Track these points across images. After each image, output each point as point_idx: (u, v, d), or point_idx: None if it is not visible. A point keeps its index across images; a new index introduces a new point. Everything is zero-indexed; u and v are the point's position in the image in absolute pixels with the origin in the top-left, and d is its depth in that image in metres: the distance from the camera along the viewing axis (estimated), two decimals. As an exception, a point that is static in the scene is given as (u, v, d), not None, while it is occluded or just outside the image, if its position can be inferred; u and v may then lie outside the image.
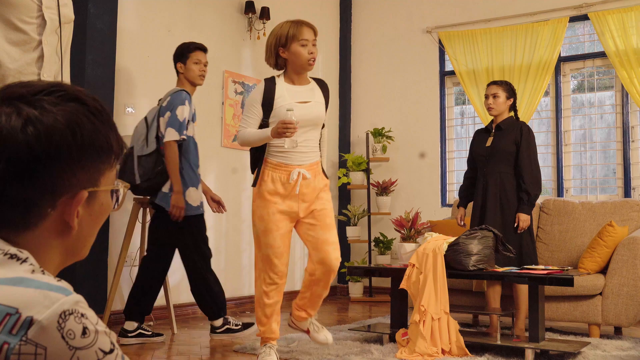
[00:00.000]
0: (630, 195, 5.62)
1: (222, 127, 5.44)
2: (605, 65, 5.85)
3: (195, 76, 4.06)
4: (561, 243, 4.72)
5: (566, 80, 6.03)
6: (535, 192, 4.02)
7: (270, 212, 3.21)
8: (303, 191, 3.22)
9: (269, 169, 3.24)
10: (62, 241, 0.92)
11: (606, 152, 5.86)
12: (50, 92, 0.89)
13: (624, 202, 4.69)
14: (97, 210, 0.95)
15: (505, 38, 6.10)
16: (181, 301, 4.97)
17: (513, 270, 3.68)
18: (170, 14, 5.02)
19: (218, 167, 5.38)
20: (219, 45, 5.45)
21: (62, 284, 0.81)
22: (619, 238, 4.17)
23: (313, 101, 3.29)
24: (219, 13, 5.48)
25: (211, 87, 5.36)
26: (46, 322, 0.76)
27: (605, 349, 3.62)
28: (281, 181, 3.21)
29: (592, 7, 5.78)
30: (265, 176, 3.24)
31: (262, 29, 5.79)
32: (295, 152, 3.22)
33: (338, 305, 6.01)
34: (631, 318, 4.04)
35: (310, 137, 3.27)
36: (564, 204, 4.84)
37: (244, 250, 5.57)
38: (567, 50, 6.08)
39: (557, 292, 4.17)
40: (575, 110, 6.02)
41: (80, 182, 0.90)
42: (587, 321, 4.15)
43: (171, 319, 4.24)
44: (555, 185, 5.97)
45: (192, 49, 4.10)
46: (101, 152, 0.92)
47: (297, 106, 3.19)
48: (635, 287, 4.03)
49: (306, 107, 3.24)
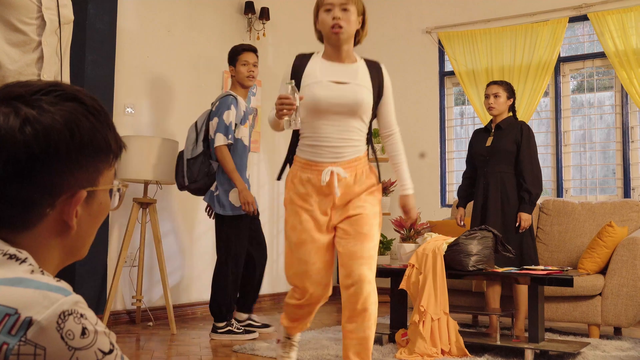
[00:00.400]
0: (630, 196, 5.62)
1: (221, 127, 5.44)
2: (605, 66, 5.85)
3: (243, 77, 4.17)
4: (561, 243, 4.72)
5: (566, 80, 6.03)
6: (537, 191, 4.02)
7: (303, 220, 2.67)
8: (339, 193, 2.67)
9: (298, 168, 2.71)
10: (61, 241, 0.92)
11: (606, 152, 5.86)
12: (49, 91, 0.89)
13: (623, 203, 4.69)
14: (96, 209, 0.95)
15: (504, 38, 6.10)
16: (181, 301, 4.97)
17: (512, 270, 3.68)
18: (170, 14, 5.02)
19: (218, 168, 5.38)
20: (219, 46, 5.45)
21: (61, 285, 0.81)
22: (618, 238, 4.17)
23: (352, 83, 2.68)
24: (218, 13, 5.48)
25: (211, 88, 5.36)
26: (45, 322, 0.75)
27: (605, 350, 3.62)
28: (312, 183, 2.66)
29: (591, 7, 5.78)
30: (295, 177, 2.72)
31: (262, 29, 5.79)
32: (326, 146, 2.65)
33: (338, 305, 6.01)
34: (631, 318, 4.04)
35: (347, 127, 2.66)
36: (563, 205, 4.84)
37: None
38: (567, 51, 6.08)
39: (557, 292, 4.17)
40: (575, 111, 6.02)
41: (78, 181, 0.90)
42: (586, 321, 4.15)
43: (170, 319, 4.24)
44: (554, 185, 5.97)
45: (240, 50, 4.22)
46: (100, 152, 0.92)
47: (330, 86, 2.65)
48: (634, 287, 4.03)
49: (341, 88, 2.66)
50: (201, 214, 5.19)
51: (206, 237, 5.24)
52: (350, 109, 2.65)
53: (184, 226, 5.06)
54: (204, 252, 5.20)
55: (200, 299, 5.14)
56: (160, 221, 4.56)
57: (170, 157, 4.28)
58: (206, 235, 5.24)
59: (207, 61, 5.34)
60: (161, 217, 4.71)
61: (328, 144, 2.65)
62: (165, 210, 4.86)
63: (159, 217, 4.56)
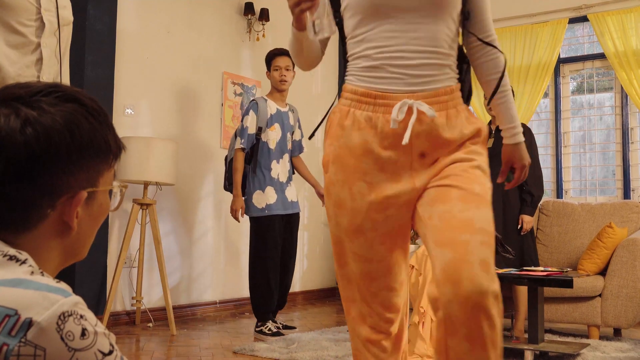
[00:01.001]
0: (630, 197, 5.62)
1: (221, 128, 5.44)
2: (605, 67, 5.85)
3: (276, 82, 4.29)
4: (560, 244, 4.72)
5: (565, 81, 6.04)
6: (539, 193, 4.03)
7: (357, 191, 1.65)
8: (419, 142, 1.62)
9: (349, 104, 1.67)
10: (61, 242, 0.92)
11: (605, 153, 5.86)
12: (49, 93, 0.89)
13: (623, 204, 4.69)
14: (96, 210, 0.96)
15: (504, 39, 6.10)
16: (180, 302, 4.96)
17: (512, 271, 3.68)
18: (170, 15, 5.02)
19: (217, 168, 5.38)
20: (218, 47, 5.45)
21: (61, 286, 0.81)
22: (618, 239, 4.17)
23: None
24: (218, 14, 5.48)
25: (210, 89, 5.36)
26: (45, 323, 0.75)
27: (605, 351, 3.62)
28: (375, 126, 1.62)
29: (591, 8, 5.78)
30: (344, 119, 1.67)
31: (262, 30, 5.79)
32: (397, 65, 1.63)
33: (337, 306, 6.01)
34: (630, 319, 4.04)
35: (429, 32, 1.63)
36: (563, 206, 4.84)
37: (243, 252, 5.57)
38: (567, 52, 6.09)
39: (557, 293, 4.17)
40: (575, 112, 6.02)
41: (79, 182, 0.90)
42: (586, 323, 4.15)
43: (170, 320, 4.24)
44: (554, 186, 5.97)
45: (272, 55, 4.33)
46: (100, 153, 0.92)
47: None
48: (634, 288, 4.03)
49: None
50: (201, 214, 5.20)
51: (206, 238, 5.24)
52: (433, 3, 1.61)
53: (184, 227, 5.06)
54: (203, 252, 5.20)
55: (200, 299, 5.14)
56: (159, 222, 4.57)
57: (169, 158, 4.28)
58: (206, 236, 5.24)
59: (207, 62, 5.34)
60: (161, 218, 4.71)
61: (400, 62, 1.62)
62: (165, 211, 4.86)
63: (159, 217, 4.56)
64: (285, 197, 4.23)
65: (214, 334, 4.30)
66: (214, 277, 5.29)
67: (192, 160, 5.14)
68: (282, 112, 4.29)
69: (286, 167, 4.29)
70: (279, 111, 4.28)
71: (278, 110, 4.27)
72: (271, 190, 4.18)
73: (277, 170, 4.23)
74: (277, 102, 4.30)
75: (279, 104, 4.31)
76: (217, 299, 5.30)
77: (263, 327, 4.12)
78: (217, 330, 4.45)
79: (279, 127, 4.26)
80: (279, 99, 4.31)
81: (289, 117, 4.34)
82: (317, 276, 6.49)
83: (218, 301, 5.30)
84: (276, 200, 4.18)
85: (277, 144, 4.24)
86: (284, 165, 4.27)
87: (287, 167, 4.30)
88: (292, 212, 4.26)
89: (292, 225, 4.32)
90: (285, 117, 4.31)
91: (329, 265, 6.76)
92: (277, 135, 4.24)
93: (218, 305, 5.29)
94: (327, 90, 6.84)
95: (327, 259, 6.71)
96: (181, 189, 5.01)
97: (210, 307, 5.23)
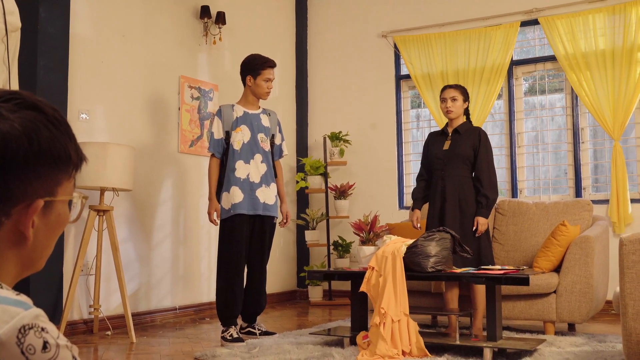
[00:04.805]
0: (581, 195, 5.77)
1: (179, 132, 5.39)
2: (556, 69, 6.00)
3: (262, 93, 4.28)
4: (516, 243, 4.81)
5: (518, 83, 6.17)
6: (494, 196, 4.11)
7: None
8: None
9: None
10: (17, 252, 0.90)
11: (557, 153, 6.01)
12: (8, 99, 0.87)
13: (575, 202, 4.81)
14: (54, 220, 0.94)
15: (459, 42, 6.20)
16: (139, 309, 4.90)
17: (470, 271, 3.74)
18: (125, 18, 4.96)
19: (175, 173, 5.33)
20: (175, 51, 5.40)
21: (21, 298, 0.80)
22: (571, 237, 4.28)
23: None
24: (174, 18, 5.43)
25: (167, 93, 5.31)
26: (5, 337, 0.74)
27: (560, 346, 3.71)
28: None
29: (542, 12, 5.92)
30: None
31: (218, 33, 5.76)
32: None
33: (298, 309, 6.01)
34: (584, 314, 4.15)
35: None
36: (518, 205, 4.94)
37: (203, 257, 5.53)
38: (519, 54, 6.22)
39: (513, 291, 4.25)
40: (528, 113, 6.16)
41: (36, 190, 0.88)
42: (542, 319, 4.24)
43: (129, 328, 4.18)
44: (509, 186, 6.09)
45: (265, 66, 4.26)
46: (59, 162, 0.90)
47: None
48: (587, 284, 4.14)
49: None
50: (159, 220, 5.14)
51: (165, 244, 5.18)
52: None
53: (142, 233, 5.00)
54: (162, 259, 5.14)
55: (160, 306, 5.08)
56: (117, 228, 4.49)
57: (126, 163, 4.22)
58: (165, 241, 5.18)
59: (163, 66, 5.28)
60: (118, 225, 4.64)
61: None
62: (123, 217, 4.79)
63: (116, 224, 4.49)
64: (256, 197, 4.19)
65: (175, 340, 4.25)
66: (173, 283, 5.23)
67: (150, 165, 5.08)
68: (250, 114, 4.27)
69: (261, 168, 4.24)
70: (246, 113, 4.26)
71: (245, 113, 4.26)
72: (236, 189, 4.15)
73: (247, 171, 4.19)
74: (246, 106, 4.29)
75: (249, 107, 4.29)
76: (177, 305, 5.25)
77: (225, 333, 4.10)
78: (178, 336, 4.41)
79: (247, 128, 4.23)
80: (250, 103, 4.30)
81: (260, 119, 4.30)
82: (277, 280, 6.48)
83: (178, 307, 5.25)
84: (242, 200, 4.14)
85: (243, 144, 4.21)
86: (256, 166, 4.22)
87: (263, 168, 4.24)
88: (263, 214, 4.22)
89: (264, 228, 4.26)
90: (255, 119, 4.28)
91: (288, 268, 6.75)
92: (244, 136, 4.21)
93: (178, 312, 5.24)
94: (284, 95, 6.84)
95: (287, 262, 6.71)
96: (139, 195, 4.94)
97: (170, 314, 5.17)
